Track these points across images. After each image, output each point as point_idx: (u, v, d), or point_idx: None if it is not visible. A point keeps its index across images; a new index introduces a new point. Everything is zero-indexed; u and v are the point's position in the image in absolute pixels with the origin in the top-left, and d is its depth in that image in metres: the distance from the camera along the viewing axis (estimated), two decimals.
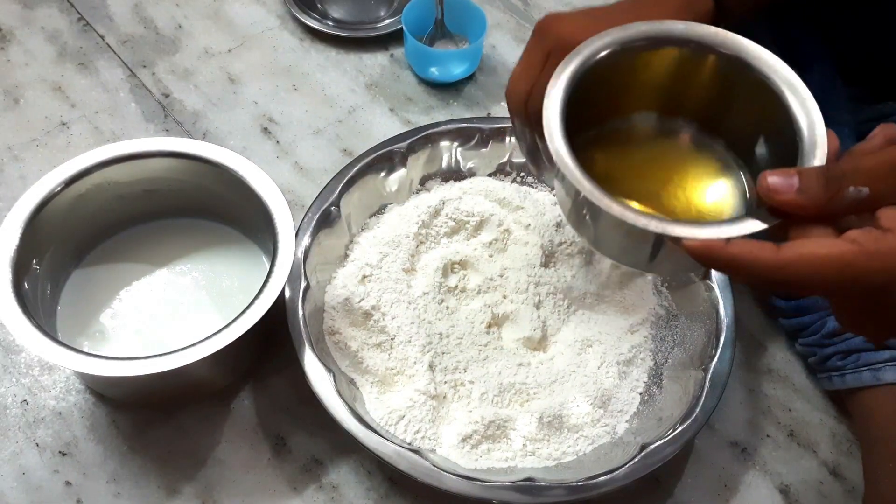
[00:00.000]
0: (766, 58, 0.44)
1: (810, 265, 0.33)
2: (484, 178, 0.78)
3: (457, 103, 0.89)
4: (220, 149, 0.66)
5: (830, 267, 0.33)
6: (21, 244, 0.60)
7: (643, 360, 0.69)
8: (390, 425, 0.62)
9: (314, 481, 0.64)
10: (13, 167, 0.80)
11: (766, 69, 0.43)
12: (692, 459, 0.68)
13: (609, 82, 0.45)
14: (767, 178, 0.36)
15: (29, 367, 0.68)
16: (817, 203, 0.35)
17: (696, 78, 0.45)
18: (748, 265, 0.35)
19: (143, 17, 0.93)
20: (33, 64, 0.88)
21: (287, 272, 0.60)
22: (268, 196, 0.64)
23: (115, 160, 0.65)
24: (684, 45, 0.44)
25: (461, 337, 0.68)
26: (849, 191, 0.34)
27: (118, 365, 0.55)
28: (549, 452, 0.64)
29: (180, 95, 0.87)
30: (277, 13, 0.95)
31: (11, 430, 0.65)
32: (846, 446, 0.70)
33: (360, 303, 0.68)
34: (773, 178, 0.36)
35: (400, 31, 0.91)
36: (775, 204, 0.36)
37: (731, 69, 0.44)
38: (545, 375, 0.67)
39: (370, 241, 0.73)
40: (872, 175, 0.34)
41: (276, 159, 0.83)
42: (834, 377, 0.68)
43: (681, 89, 0.46)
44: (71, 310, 0.67)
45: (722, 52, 0.44)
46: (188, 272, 0.70)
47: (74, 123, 0.84)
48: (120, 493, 0.63)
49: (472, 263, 0.72)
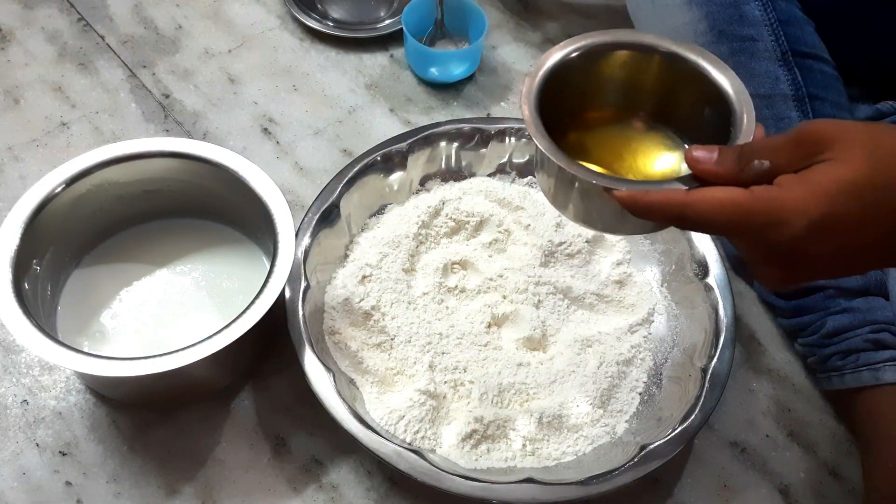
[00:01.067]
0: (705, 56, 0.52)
1: (710, 203, 0.41)
2: (484, 178, 0.78)
3: (457, 103, 0.89)
4: (220, 149, 0.66)
5: (727, 204, 0.41)
6: (21, 244, 0.60)
7: (643, 360, 0.69)
8: (390, 425, 0.62)
9: (314, 481, 0.64)
10: (13, 167, 0.80)
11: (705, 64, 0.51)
12: (692, 459, 0.68)
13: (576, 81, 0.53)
14: (693, 152, 0.44)
15: (29, 367, 0.68)
16: (730, 172, 0.43)
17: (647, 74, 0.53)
18: (661, 205, 0.43)
19: (143, 18, 0.93)
20: (33, 64, 0.88)
21: (287, 272, 0.60)
22: (268, 196, 0.64)
23: (115, 160, 0.65)
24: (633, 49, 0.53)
25: (461, 337, 0.68)
26: (754, 164, 0.42)
27: (118, 365, 0.55)
28: (549, 452, 0.64)
29: (180, 96, 0.87)
30: (277, 13, 0.95)
31: (11, 430, 0.65)
32: (846, 446, 0.70)
33: (360, 303, 0.68)
34: (698, 152, 0.44)
35: (400, 31, 0.91)
36: (697, 172, 0.44)
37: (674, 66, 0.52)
38: (545, 375, 0.67)
39: (370, 241, 0.73)
40: (773, 151, 0.42)
41: (276, 159, 0.83)
42: (833, 377, 0.68)
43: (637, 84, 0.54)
44: (71, 310, 0.67)
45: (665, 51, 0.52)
46: (188, 272, 0.70)
47: (74, 124, 0.84)
48: (120, 493, 0.63)
49: (471, 264, 0.72)
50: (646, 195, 0.44)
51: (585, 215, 0.51)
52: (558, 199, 0.52)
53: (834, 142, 0.40)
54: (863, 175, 0.39)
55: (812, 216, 0.39)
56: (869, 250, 0.40)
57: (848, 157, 0.39)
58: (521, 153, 0.79)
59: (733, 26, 0.72)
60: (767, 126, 0.72)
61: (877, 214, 0.39)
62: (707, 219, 0.42)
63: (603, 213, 0.49)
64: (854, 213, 0.39)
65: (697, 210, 0.42)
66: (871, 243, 0.40)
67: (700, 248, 0.71)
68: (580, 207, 0.50)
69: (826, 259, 0.41)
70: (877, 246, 0.40)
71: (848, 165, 0.39)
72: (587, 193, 0.48)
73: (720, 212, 0.41)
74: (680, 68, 0.52)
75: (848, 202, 0.39)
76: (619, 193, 0.44)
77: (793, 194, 0.40)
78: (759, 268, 0.44)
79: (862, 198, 0.39)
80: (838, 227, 0.39)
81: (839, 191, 0.39)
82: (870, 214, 0.39)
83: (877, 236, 0.39)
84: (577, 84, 0.53)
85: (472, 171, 0.79)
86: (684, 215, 0.42)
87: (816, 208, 0.39)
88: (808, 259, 0.41)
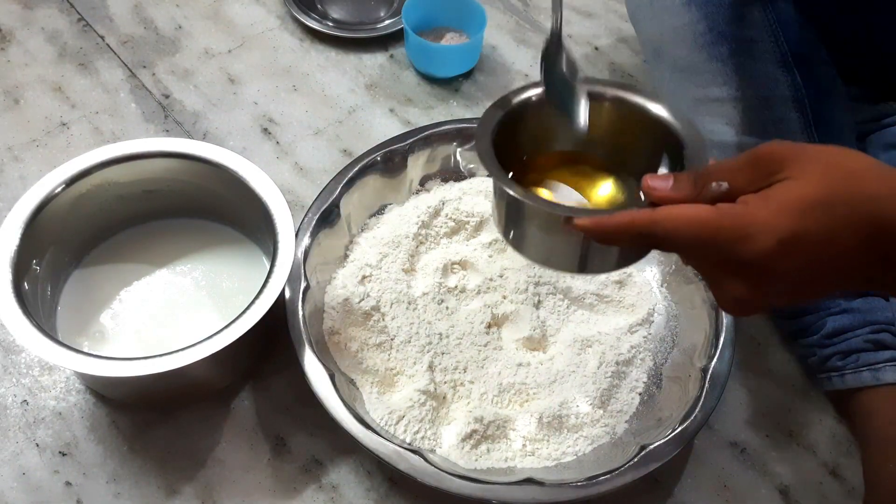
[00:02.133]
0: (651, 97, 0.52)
1: (678, 219, 0.41)
2: (484, 178, 0.78)
3: (456, 103, 0.89)
4: (220, 149, 0.66)
5: (694, 220, 0.41)
6: (21, 244, 0.60)
7: (643, 360, 0.69)
8: (390, 425, 0.62)
9: (314, 481, 0.64)
10: (13, 167, 0.80)
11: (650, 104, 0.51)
12: (692, 460, 0.68)
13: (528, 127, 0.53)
14: (649, 180, 0.44)
15: (29, 368, 0.68)
16: (688, 197, 0.43)
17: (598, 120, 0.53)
18: (628, 226, 0.42)
19: (143, 18, 0.93)
20: (33, 64, 0.88)
21: (287, 272, 0.60)
22: (268, 196, 0.64)
23: (115, 161, 0.65)
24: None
25: (461, 337, 0.68)
26: (712, 186, 0.42)
27: (118, 365, 0.55)
28: (549, 452, 0.64)
29: (180, 96, 0.87)
30: (277, 14, 0.95)
31: (11, 431, 0.65)
32: (846, 446, 0.70)
33: (360, 303, 0.68)
34: (654, 181, 0.44)
35: (400, 31, 0.91)
36: (655, 199, 0.44)
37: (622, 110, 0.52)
38: (545, 376, 0.67)
39: (370, 241, 0.73)
40: (729, 172, 0.42)
41: (276, 160, 0.83)
42: (833, 377, 0.68)
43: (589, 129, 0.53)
44: (71, 310, 0.67)
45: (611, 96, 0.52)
46: (188, 272, 0.70)
47: (74, 124, 0.84)
48: (120, 493, 0.63)
49: (471, 264, 0.72)
50: (610, 218, 0.43)
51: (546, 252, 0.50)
52: (515, 235, 0.50)
53: (791, 161, 0.40)
54: (825, 192, 0.39)
55: (780, 232, 0.39)
56: (836, 268, 0.40)
57: (807, 175, 0.39)
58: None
59: (733, 27, 0.72)
60: (767, 128, 0.72)
61: (843, 230, 0.39)
62: (675, 236, 0.41)
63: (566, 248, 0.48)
64: (821, 228, 0.39)
65: (665, 227, 0.41)
66: (837, 260, 0.39)
67: None
68: (539, 243, 0.49)
69: (793, 276, 0.40)
70: (843, 264, 0.40)
71: (809, 183, 0.39)
72: (546, 226, 0.47)
73: (688, 228, 0.41)
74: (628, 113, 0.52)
75: (815, 218, 0.39)
76: (582, 221, 0.43)
77: (759, 211, 0.39)
78: (722, 288, 0.43)
79: (828, 214, 0.39)
80: (806, 242, 0.39)
81: (806, 206, 0.39)
82: (836, 230, 0.39)
83: (843, 252, 0.39)
84: (528, 130, 0.53)
85: (472, 171, 0.79)
86: (652, 233, 0.42)
87: (784, 224, 0.39)
88: (776, 276, 0.40)
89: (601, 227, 0.43)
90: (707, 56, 0.74)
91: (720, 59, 0.73)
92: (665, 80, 0.80)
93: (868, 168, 0.40)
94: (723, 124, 0.73)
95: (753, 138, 0.72)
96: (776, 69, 0.71)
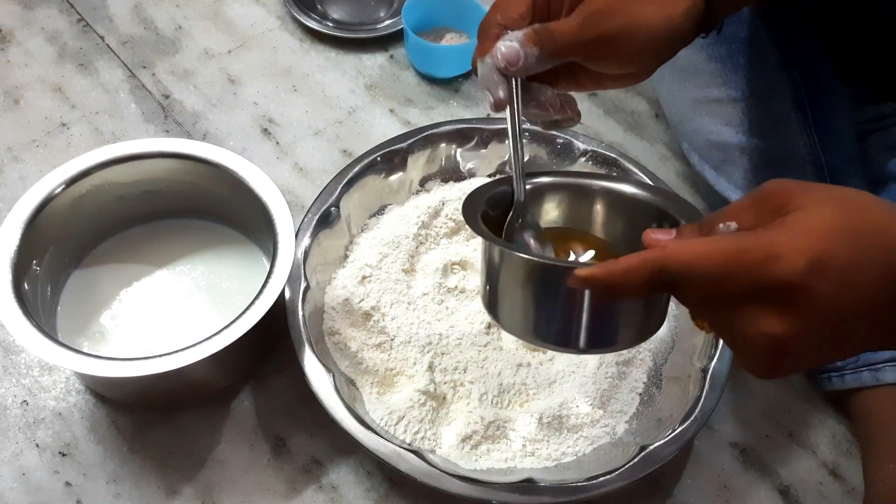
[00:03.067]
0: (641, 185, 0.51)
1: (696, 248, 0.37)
2: (484, 178, 0.78)
3: (456, 104, 0.89)
4: (220, 149, 0.66)
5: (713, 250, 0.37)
6: (21, 245, 0.60)
7: (642, 360, 0.69)
8: (390, 426, 0.62)
9: (314, 482, 0.64)
10: (13, 168, 0.80)
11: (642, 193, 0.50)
12: (692, 460, 0.68)
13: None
14: (651, 234, 0.41)
15: (29, 368, 0.68)
16: None
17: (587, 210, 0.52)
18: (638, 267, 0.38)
19: (143, 18, 0.93)
20: (33, 64, 0.88)
21: (287, 273, 0.60)
22: (268, 197, 0.64)
23: (115, 161, 0.65)
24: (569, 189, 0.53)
25: (461, 337, 0.68)
26: (720, 227, 0.39)
27: (118, 365, 0.55)
28: (549, 453, 0.64)
29: (180, 96, 0.87)
30: (277, 14, 0.95)
31: (11, 431, 0.65)
32: (846, 446, 0.70)
33: (359, 303, 0.68)
34: (656, 233, 0.41)
35: (400, 31, 0.91)
36: None
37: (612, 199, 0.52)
38: (544, 376, 0.67)
39: (370, 241, 0.73)
40: (737, 212, 0.39)
41: (275, 160, 0.83)
42: (833, 377, 0.68)
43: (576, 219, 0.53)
44: (71, 310, 0.67)
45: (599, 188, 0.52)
46: (188, 272, 0.70)
47: (74, 124, 0.84)
48: (120, 493, 0.63)
49: (471, 264, 0.72)
50: (616, 263, 0.38)
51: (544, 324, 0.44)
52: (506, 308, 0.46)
53: (799, 194, 0.38)
54: (842, 220, 0.37)
55: (809, 251, 0.35)
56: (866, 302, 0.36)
57: (819, 205, 0.37)
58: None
59: (732, 28, 0.72)
60: (767, 128, 0.72)
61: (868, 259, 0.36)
62: (695, 267, 0.37)
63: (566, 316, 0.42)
64: (847, 253, 0.36)
65: (682, 258, 0.37)
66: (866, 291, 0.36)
67: None
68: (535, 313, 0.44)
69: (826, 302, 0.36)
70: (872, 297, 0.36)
71: (824, 212, 0.37)
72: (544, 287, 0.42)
73: (707, 257, 0.37)
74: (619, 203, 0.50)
75: (839, 241, 0.36)
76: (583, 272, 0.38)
77: (781, 235, 0.36)
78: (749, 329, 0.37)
79: (850, 239, 0.36)
80: (835, 265, 0.36)
81: (827, 231, 0.36)
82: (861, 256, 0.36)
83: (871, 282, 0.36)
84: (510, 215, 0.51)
85: (472, 171, 0.79)
86: (667, 268, 0.38)
87: (810, 245, 0.36)
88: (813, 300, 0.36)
89: (610, 273, 0.38)
90: (707, 56, 0.74)
91: (720, 59, 0.73)
92: (665, 80, 0.81)
93: (878, 202, 0.38)
94: (723, 124, 0.73)
95: (753, 138, 0.72)
96: (776, 69, 0.71)
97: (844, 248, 0.36)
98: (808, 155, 0.71)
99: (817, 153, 0.71)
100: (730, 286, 0.37)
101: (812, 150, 0.71)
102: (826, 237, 0.36)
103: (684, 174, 0.85)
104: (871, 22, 0.75)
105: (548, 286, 0.42)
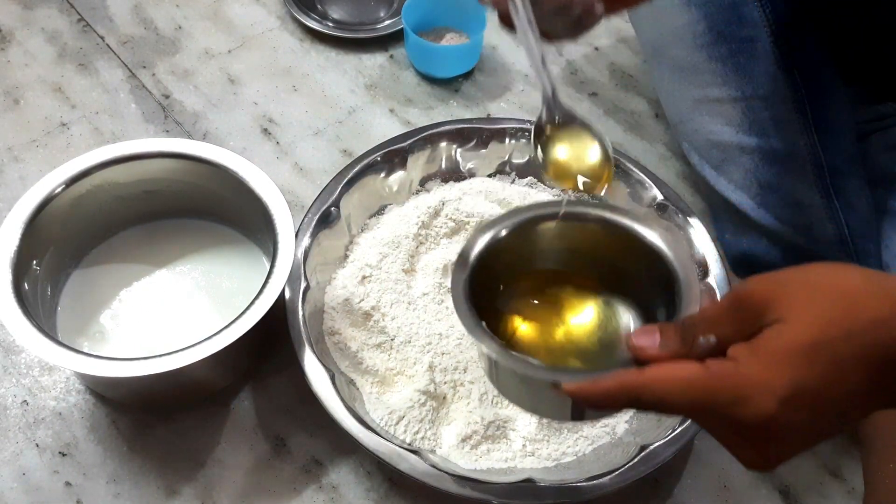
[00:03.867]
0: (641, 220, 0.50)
1: (668, 383, 0.38)
2: (484, 178, 0.78)
3: (456, 104, 0.89)
4: (220, 149, 0.66)
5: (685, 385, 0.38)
6: (21, 245, 0.60)
7: None
8: (390, 426, 0.62)
9: (314, 482, 0.64)
10: (13, 168, 0.80)
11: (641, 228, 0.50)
12: (691, 460, 0.68)
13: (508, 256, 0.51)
14: (634, 340, 0.41)
15: (29, 368, 0.68)
16: (676, 353, 0.40)
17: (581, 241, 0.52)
18: (616, 391, 0.40)
19: (143, 18, 0.93)
20: (33, 64, 0.88)
21: (287, 273, 0.60)
22: (268, 197, 0.64)
23: (115, 161, 0.65)
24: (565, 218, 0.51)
25: (461, 337, 0.68)
26: (700, 341, 0.39)
27: (118, 365, 0.55)
28: (549, 453, 0.64)
29: (180, 96, 0.87)
30: (277, 14, 0.95)
31: (11, 431, 0.65)
32: (846, 446, 0.70)
33: (359, 303, 0.68)
34: (639, 340, 0.41)
35: (400, 31, 0.91)
36: (642, 359, 0.41)
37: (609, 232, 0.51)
38: None
39: (370, 241, 0.73)
40: (713, 324, 0.39)
41: (275, 160, 0.83)
42: None
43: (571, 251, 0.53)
44: (71, 310, 0.67)
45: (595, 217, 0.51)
46: (188, 272, 0.70)
47: (74, 124, 0.84)
48: (120, 493, 0.63)
49: None
50: (595, 384, 0.40)
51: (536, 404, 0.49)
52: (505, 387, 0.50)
53: (774, 301, 0.37)
54: (819, 332, 0.36)
55: (779, 389, 0.35)
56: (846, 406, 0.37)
57: (795, 313, 0.36)
58: (521, 153, 0.79)
59: (732, 27, 0.72)
60: (767, 128, 0.72)
61: (849, 368, 0.36)
62: (669, 401, 0.38)
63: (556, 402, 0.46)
64: (824, 372, 0.35)
65: (655, 392, 0.39)
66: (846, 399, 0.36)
67: (700, 249, 0.71)
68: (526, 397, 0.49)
69: (802, 428, 0.37)
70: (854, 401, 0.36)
71: (799, 324, 0.36)
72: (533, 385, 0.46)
73: (682, 393, 0.38)
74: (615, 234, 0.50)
75: (814, 363, 0.35)
76: (568, 387, 0.42)
77: (751, 370, 0.36)
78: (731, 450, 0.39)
79: (828, 355, 0.35)
80: (809, 392, 0.36)
81: (801, 353, 0.36)
82: (841, 369, 0.36)
83: (852, 390, 0.36)
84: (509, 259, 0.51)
85: (472, 171, 0.79)
86: (641, 399, 0.39)
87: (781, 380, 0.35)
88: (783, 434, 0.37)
89: (588, 393, 0.41)
90: (707, 56, 0.74)
91: (720, 59, 0.73)
92: (665, 80, 0.80)
93: (863, 285, 0.37)
94: (723, 124, 0.73)
95: (754, 138, 0.72)
96: (776, 69, 0.71)
97: (821, 368, 0.36)
98: (809, 155, 0.71)
99: (817, 153, 0.71)
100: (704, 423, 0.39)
101: (812, 149, 0.71)
102: (801, 363, 0.36)
103: (684, 174, 0.85)
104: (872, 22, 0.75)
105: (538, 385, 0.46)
